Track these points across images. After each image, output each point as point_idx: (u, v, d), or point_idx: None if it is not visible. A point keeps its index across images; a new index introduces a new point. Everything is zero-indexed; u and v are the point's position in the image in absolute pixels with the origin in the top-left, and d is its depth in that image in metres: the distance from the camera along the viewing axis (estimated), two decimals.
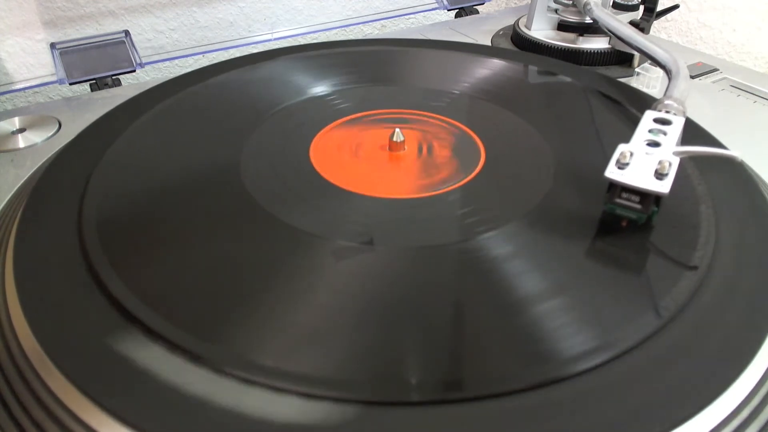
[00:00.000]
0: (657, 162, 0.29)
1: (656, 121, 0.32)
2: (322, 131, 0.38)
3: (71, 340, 0.24)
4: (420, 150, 0.37)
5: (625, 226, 0.29)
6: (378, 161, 0.36)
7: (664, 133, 0.31)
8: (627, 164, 0.29)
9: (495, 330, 0.25)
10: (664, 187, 0.28)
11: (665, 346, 0.24)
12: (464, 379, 0.23)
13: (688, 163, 0.34)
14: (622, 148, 0.30)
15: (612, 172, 0.29)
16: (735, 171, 0.34)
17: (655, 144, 0.30)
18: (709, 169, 0.34)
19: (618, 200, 0.29)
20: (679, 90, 0.36)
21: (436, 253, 0.29)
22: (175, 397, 0.22)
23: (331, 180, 0.34)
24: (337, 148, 0.37)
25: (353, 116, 0.40)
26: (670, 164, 0.28)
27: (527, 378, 0.22)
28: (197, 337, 0.24)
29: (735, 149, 0.30)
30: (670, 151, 0.30)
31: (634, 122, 0.33)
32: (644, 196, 0.28)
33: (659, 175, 0.28)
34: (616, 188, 0.29)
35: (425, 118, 0.40)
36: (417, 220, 0.31)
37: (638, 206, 0.28)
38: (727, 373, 0.23)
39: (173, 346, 0.23)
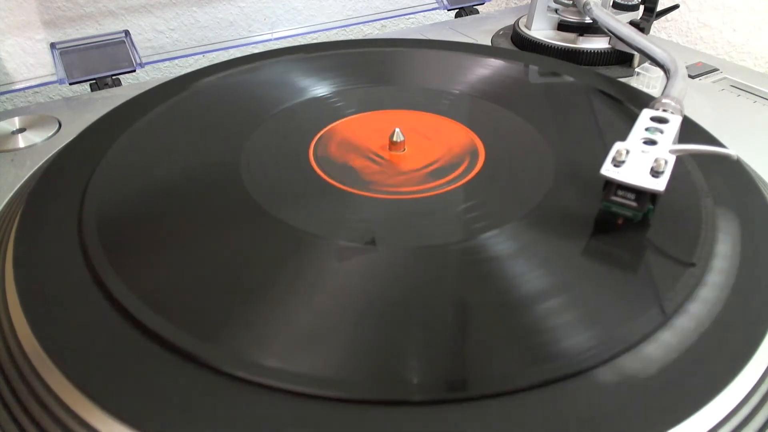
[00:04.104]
0: (653, 160, 0.29)
1: (653, 119, 0.32)
2: (322, 132, 0.38)
3: (71, 340, 0.24)
4: (420, 150, 0.37)
5: (621, 224, 0.29)
6: (378, 161, 0.36)
7: (661, 132, 0.31)
8: (623, 162, 0.29)
9: (495, 329, 0.25)
10: (659, 185, 0.28)
11: (665, 344, 0.24)
12: (465, 378, 0.23)
13: (688, 161, 0.34)
14: (618, 146, 0.30)
15: (608, 170, 0.29)
16: (735, 170, 0.34)
17: (651, 142, 0.30)
18: (709, 168, 0.34)
19: (614, 198, 0.29)
20: (677, 89, 0.36)
21: (436, 253, 0.29)
22: (175, 397, 0.22)
23: (332, 180, 0.34)
24: (337, 148, 0.37)
25: (353, 116, 0.40)
26: (666, 162, 0.28)
27: (527, 377, 0.22)
28: (197, 338, 0.24)
29: (733, 148, 0.30)
30: (667, 149, 0.30)
31: (634, 122, 0.33)
32: (640, 193, 0.28)
33: (655, 173, 0.28)
34: (612, 186, 0.29)
35: (425, 118, 0.40)
36: (417, 220, 0.31)
37: (634, 204, 0.28)
38: (726, 372, 0.23)
39: (173, 346, 0.23)
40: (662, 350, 0.24)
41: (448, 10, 0.69)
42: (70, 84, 0.50)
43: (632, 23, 0.49)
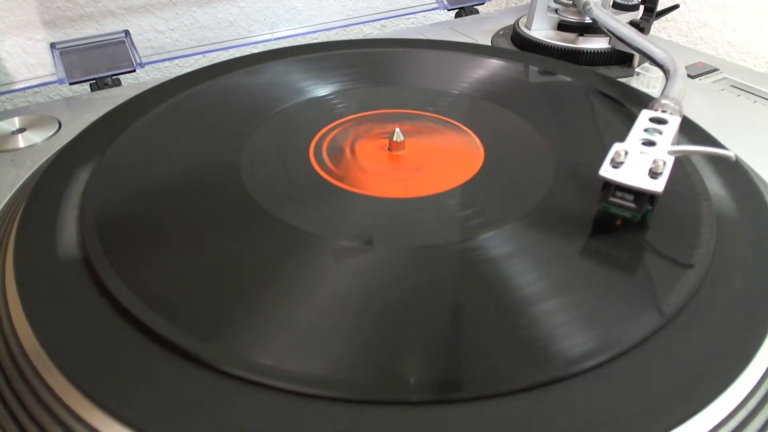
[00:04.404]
0: (652, 161, 0.29)
1: (652, 120, 0.32)
2: (321, 132, 0.38)
3: (71, 340, 0.24)
4: (420, 150, 0.37)
5: (619, 225, 0.29)
6: (378, 161, 0.36)
7: (660, 133, 0.31)
8: (621, 163, 0.29)
9: (495, 330, 0.25)
10: (658, 186, 0.28)
11: (665, 345, 0.24)
12: (464, 379, 0.23)
13: (687, 162, 0.34)
14: (616, 147, 0.30)
15: (606, 171, 0.29)
16: (735, 170, 0.34)
17: (650, 143, 0.30)
18: (708, 168, 0.34)
19: (612, 199, 0.29)
20: (676, 90, 0.36)
21: (436, 253, 0.29)
22: (175, 397, 0.22)
23: (331, 180, 0.34)
24: (337, 148, 0.37)
25: (353, 116, 0.40)
26: (664, 163, 0.28)
27: (527, 378, 0.22)
28: (197, 337, 0.24)
29: (731, 148, 0.30)
30: (665, 150, 0.30)
31: (634, 122, 0.33)
32: (638, 195, 0.28)
33: (653, 174, 0.28)
34: (611, 187, 0.29)
35: (425, 118, 0.40)
36: (417, 220, 0.31)
37: (632, 205, 0.28)
38: (727, 373, 0.23)
39: (173, 346, 0.23)
40: (661, 351, 0.24)
41: (448, 10, 0.69)
42: (70, 84, 0.50)
43: (632, 23, 0.49)
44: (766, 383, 0.23)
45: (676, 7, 0.53)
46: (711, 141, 0.38)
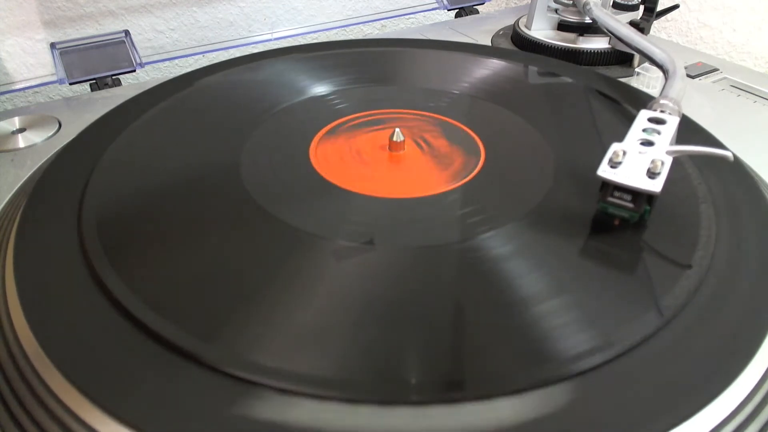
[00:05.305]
0: (650, 161, 0.29)
1: (651, 120, 0.32)
2: (322, 131, 0.38)
3: (71, 340, 0.24)
4: (420, 150, 0.37)
5: (617, 224, 0.29)
6: (378, 161, 0.36)
7: (658, 133, 0.31)
8: (620, 163, 0.29)
9: (495, 330, 0.25)
10: (656, 186, 0.28)
11: (665, 345, 0.24)
12: (464, 378, 0.23)
13: (687, 162, 0.34)
14: (615, 147, 0.30)
15: (604, 171, 0.29)
16: (735, 170, 0.34)
17: (648, 143, 0.30)
18: (708, 168, 0.34)
19: (610, 199, 0.29)
20: (675, 90, 0.36)
21: (436, 253, 0.29)
22: (175, 397, 0.22)
23: (331, 180, 0.34)
24: (337, 148, 0.37)
25: (353, 116, 0.40)
26: (662, 163, 0.28)
27: (527, 378, 0.22)
28: (197, 337, 0.24)
29: (731, 148, 0.30)
30: (664, 150, 0.30)
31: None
32: (636, 195, 0.28)
33: (651, 174, 0.28)
34: (609, 187, 0.29)
35: (425, 118, 0.40)
36: (417, 220, 0.31)
37: (630, 205, 0.29)
38: (726, 373, 0.23)
39: (173, 346, 0.23)
40: (662, 352, 0.24)
41: (448, 10, 0.69)
42: (70, 84, 0.50)
43: (632, 23, 0.49)
44: (766, 383, 0.23)
45: (676, 7, 0.53)
46: (711, 141, 0.38)
